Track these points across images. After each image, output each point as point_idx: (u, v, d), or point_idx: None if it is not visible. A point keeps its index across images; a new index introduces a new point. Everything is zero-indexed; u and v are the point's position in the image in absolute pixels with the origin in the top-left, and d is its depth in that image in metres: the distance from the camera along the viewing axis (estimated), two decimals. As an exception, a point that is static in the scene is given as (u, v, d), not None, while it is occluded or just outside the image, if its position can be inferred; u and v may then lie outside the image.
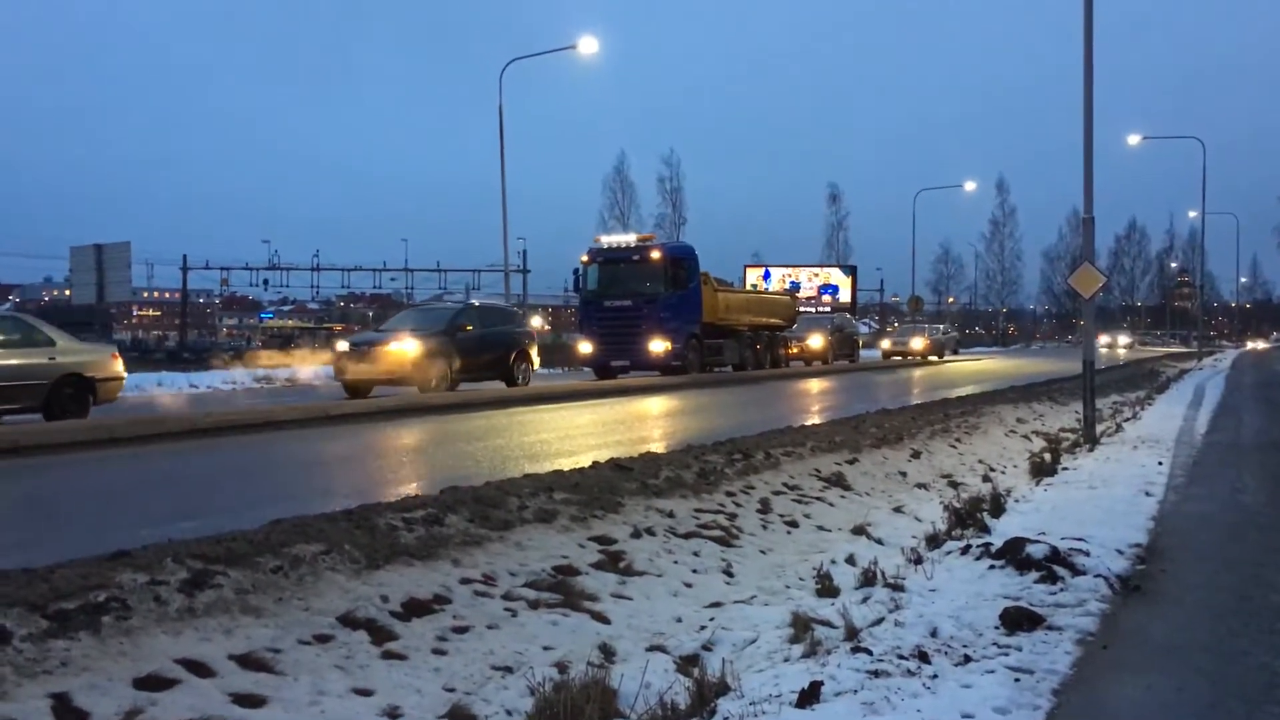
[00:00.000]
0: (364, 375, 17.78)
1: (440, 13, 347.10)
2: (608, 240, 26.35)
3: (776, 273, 53.45)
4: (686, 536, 6.38)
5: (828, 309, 48.56)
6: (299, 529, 4.95)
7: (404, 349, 17.68)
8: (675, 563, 5.90)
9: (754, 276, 53.73)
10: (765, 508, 7.44)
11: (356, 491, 6.99)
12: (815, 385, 24.04)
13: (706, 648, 4.53)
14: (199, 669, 3.57)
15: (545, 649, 4.41)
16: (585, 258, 25.69)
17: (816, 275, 54.43)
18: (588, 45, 31.05)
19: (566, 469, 7.57)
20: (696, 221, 64.18)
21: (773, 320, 30.53)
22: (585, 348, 25.51)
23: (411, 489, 6.89)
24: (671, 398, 18.49)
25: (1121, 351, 58.47)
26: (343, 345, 18.91)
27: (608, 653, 4.47)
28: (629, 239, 26.17)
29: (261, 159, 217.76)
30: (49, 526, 6.42)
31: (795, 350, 35.94)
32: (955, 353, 49.65)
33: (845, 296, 52.70)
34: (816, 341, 35.72)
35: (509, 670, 4.14)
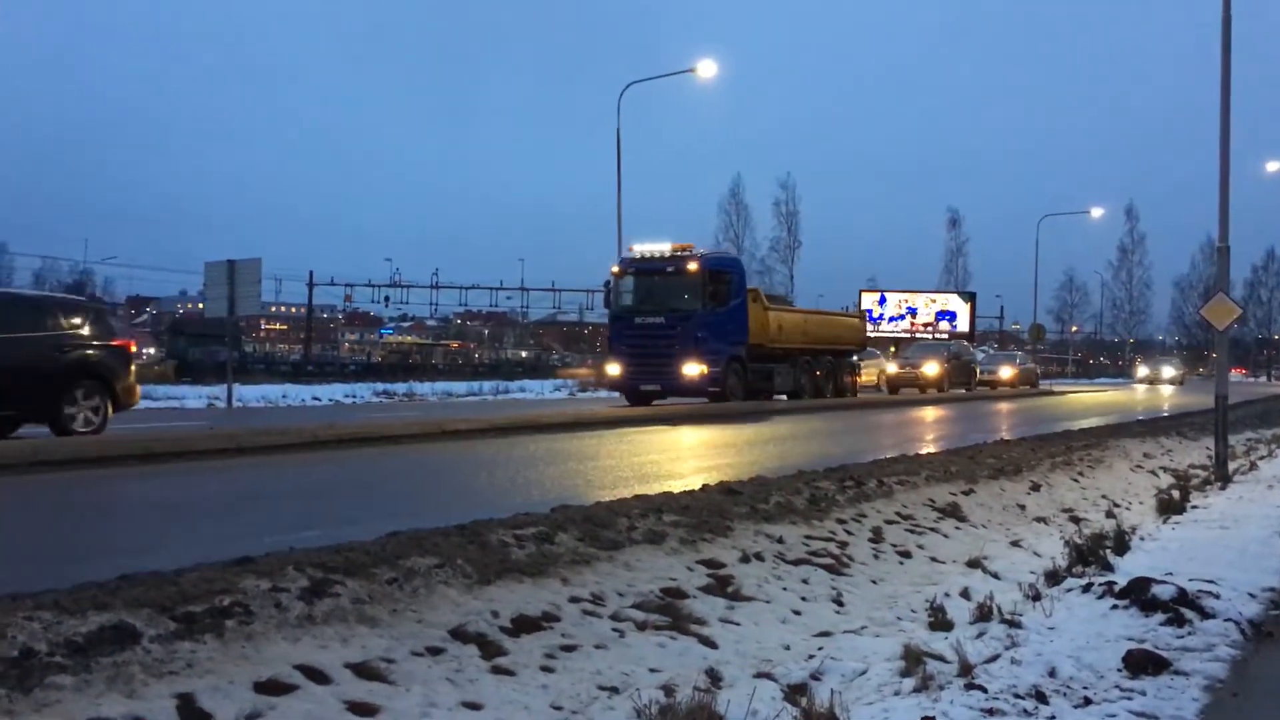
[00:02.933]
0: None
1: (564, 37, 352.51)
2: (640, 249, 23.23)
3: (892, 298, 52.66)
4: (796, 563, 6.31)
5: (945, 336, 47.62)
6: (414, 542, 5.05)
7: None
8: (784, 589, 5.83)
9: (869, 302, 53.05)
10: (877, 537, 7.31)
11: (469, 507, 7.10)
12: (924, 414, 23.34)
13: (815, 677, 4.47)
14: (316, 676, 3.66)
15: (652, 671, 4.40)
16: (616, 269, 23.25)
17: (934, 301, 53.40)
18: (706, 68, 31.27)
19: (676, 491, 7.56)
20: (812, 245, 63.96)
21: (837, 344, 28.01)
22: (613, 369, 22.95)
23: (521, 506, 6.96)
24: (775, 424, 18.35)
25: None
26: None
27: (714, 677, 4.44)
28: (663, 248, 22.98)
29: (387, 179, 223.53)
30: (178, 530, 6.68)
31: (904, 374, 35.48)
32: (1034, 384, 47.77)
33: (963, 324, 51.55)
34: (931, 369, 34.97)
35: (615, 691, 4.14)
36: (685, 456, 11.96)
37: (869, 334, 52.89)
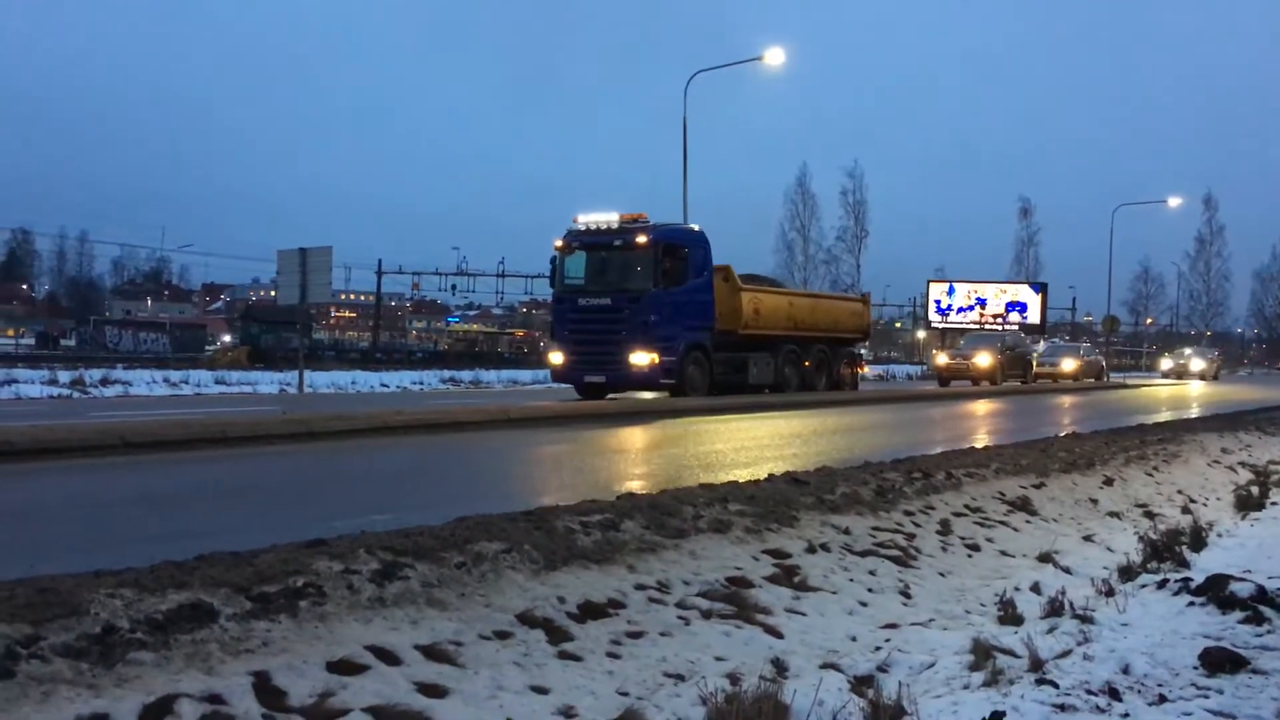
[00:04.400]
0: None
1: (635, 25, 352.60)
2: (585, 220, 20.24)
3: (961, 289, 52.00)
4: (862, 554, 6.26)
5: (1014, 327, 46.71)
6: (482, 526, 5.10)
7: None
8: (850, 580, 5.80)
9: (938, 292, 52.42)
10: (945, 529, 7.23)
11: (535, 493, 7.15)
12: (968, 408, 22.16)
13: (882, 669, 4.43)
14: (387, 657, 3.72)
15: (717, 659, 4.41)
16: (559, 243, 20.31)
17: (1004, 292, 52.61)
18: (774, 56, 30.99)
19: (741, 480, 7.54)
20: (879, 235, 63.10)
21: (832, 332, 24.63)
22: (555, 358, 20.34)
23: (587, 493, 6.99)
24: (844, 414, 18.22)
25: None
26: None
27: (780, 667, 4.43)
28: (611, 218, 19.95)
29: (457, 167, 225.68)
30: (253, 513, 6.82)
31: (954, 366, 33.53)
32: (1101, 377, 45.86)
33: (1034, 315, 50.73)
34: (983, 360, 33.29)
35: (681, 678, 4.15)
36: (750, 446, 11.92)
37: (937, 324, 52.37)
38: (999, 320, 49.23)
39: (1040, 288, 54.02)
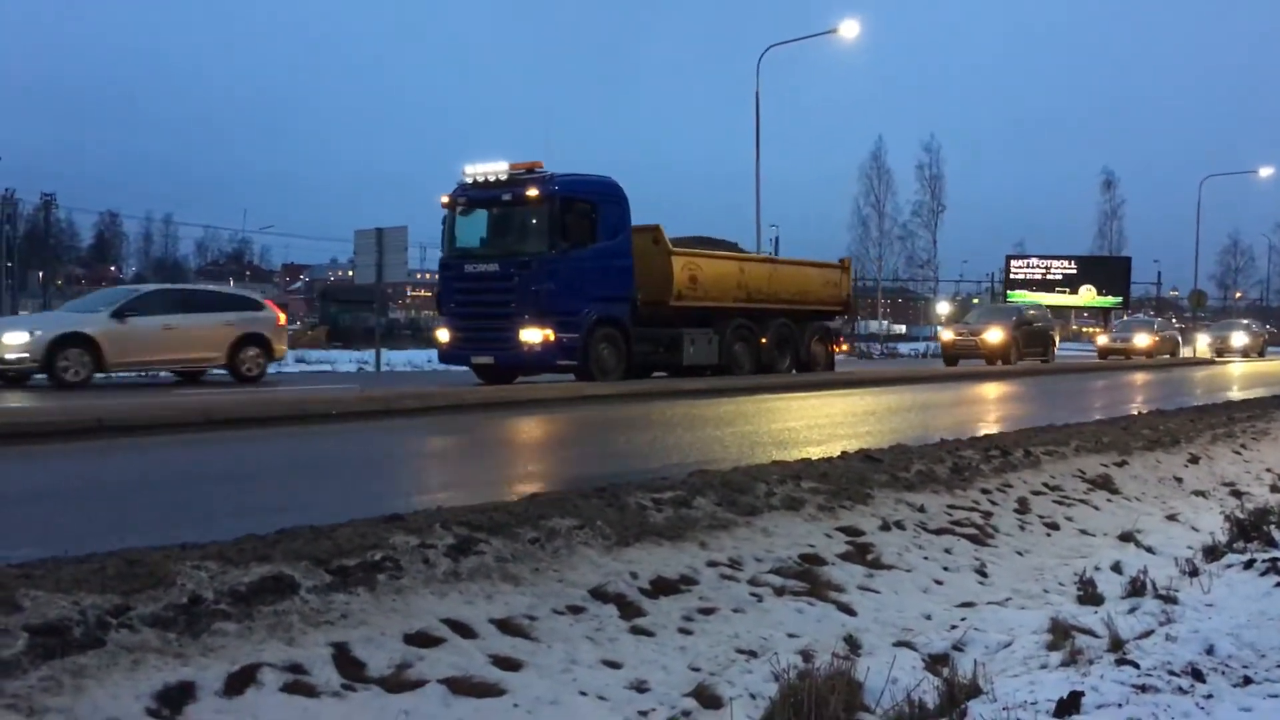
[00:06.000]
0: None
1: (705, 2, 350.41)
2: (474, 171, 16.96)
3: (1041, 264, 50.97)
4: (938, 532, 6.20)
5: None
6: (555, 503, 5.15)
7: None
8: (925, 558, 5.74)
9: (1017, 267, 51.46)
10: (1023, 507, 7.12)
11: (607, 469, 7.18)
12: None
13: (957, 648, 4.39)
14: (462, 630, 3.78)
15: (790, 636, 4.40)
16: (446, 199, 17.20)
17: (1086, 266, 51.46)
18: (849, 29, 30.56)
19: (814, 457, 7.50)
20: (957, 210, 62.01)
21: (800, 303, 20.78)
22: (441, 334, 17.37)
23: (659, 469, 7.01)
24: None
25: None
26: None
27: (853, 645, 4.41)
28: (500, 168, 16.68)
29: (525, 146, 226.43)
30: (333, 486, 6.95)
31: (960, 342, 29.46)
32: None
33: (1117, 290, 49.56)
34: (994, 336, 28.84)
35: (753, 654, 4.15)
36: (824, 424, 11.85)
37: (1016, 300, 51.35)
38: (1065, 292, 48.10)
39: (1124, 262, 52.69)
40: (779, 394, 16.58)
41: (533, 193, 16.10)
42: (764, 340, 19.61)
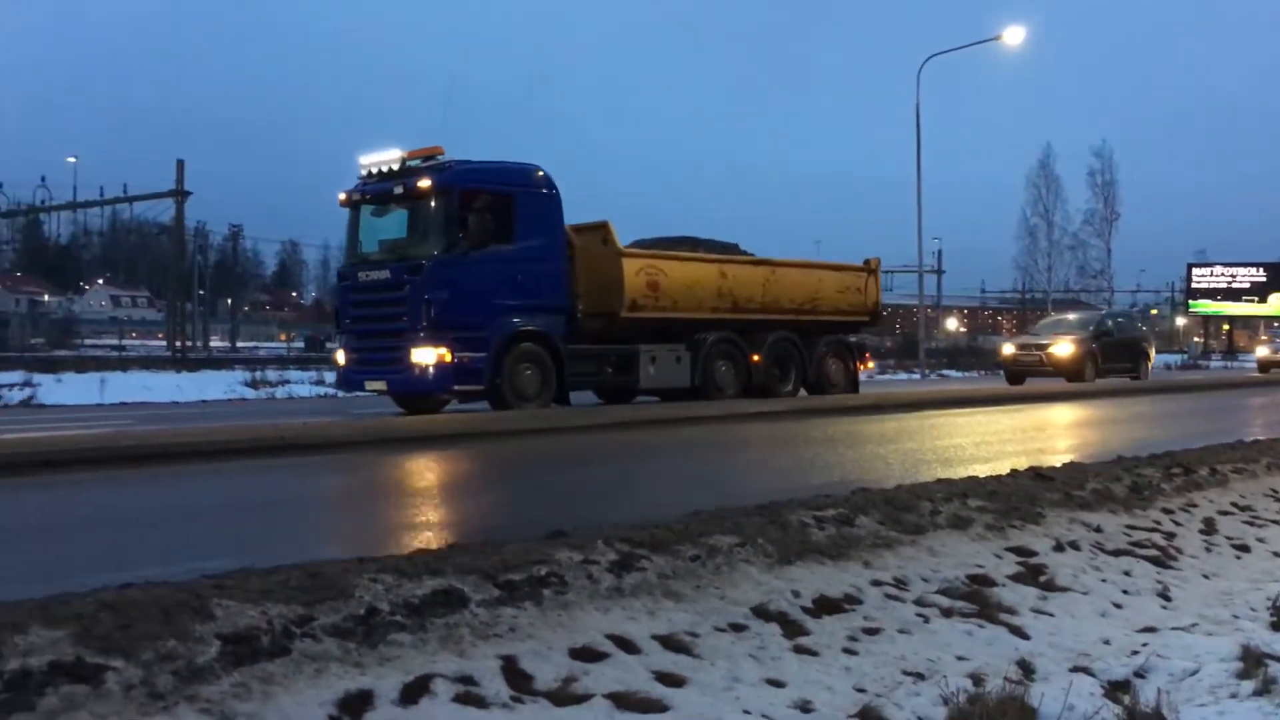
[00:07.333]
0: None
1: (866, 11, 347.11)
2: (368, 162, 14.26)
3: (1226, 271, 48.34)
4: (1115, 554, 5.94)
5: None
6: (716, 520, 5.15)
7: None
8: (1103, 580, 5.51)
9: (1199, 275, 48.96)
10: (1209, 528, 6.76)
11: (767, 487, 7.14)
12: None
13: (1139, 674, 4.19)
14: (626, 645, 3.82)
15: (958, 659, 4.29)
16: (342, 196, 14.63)
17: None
18: (1013, 35, 29.76)
19: (981, 475, 7.29)
20: (1131, 217, 59.13)
21: (809, 314, 17.19)
22: (339, 355, 14.83)
23: (819, 487, 6.93)
24: (1104, 405, 17.24)
25: None
26: None
27: (1026, 669, 4.26)
28: (392, 156, 14.00)
29: (682, 156, 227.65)
30: (497, 503, 7.13)
31: (1023, 357, 25.00)
32: None
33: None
34: (1063, 350, 24.23)
35: (920, 677, 4.06)
36: (992, 441, 11.51)
37: (1199, 310, 48.62)
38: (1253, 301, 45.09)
39: (1319, 266, 49.47)
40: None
41: (424, 184, 13.40)
42: (756, 358, 16.17)
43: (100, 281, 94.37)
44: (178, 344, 37.54)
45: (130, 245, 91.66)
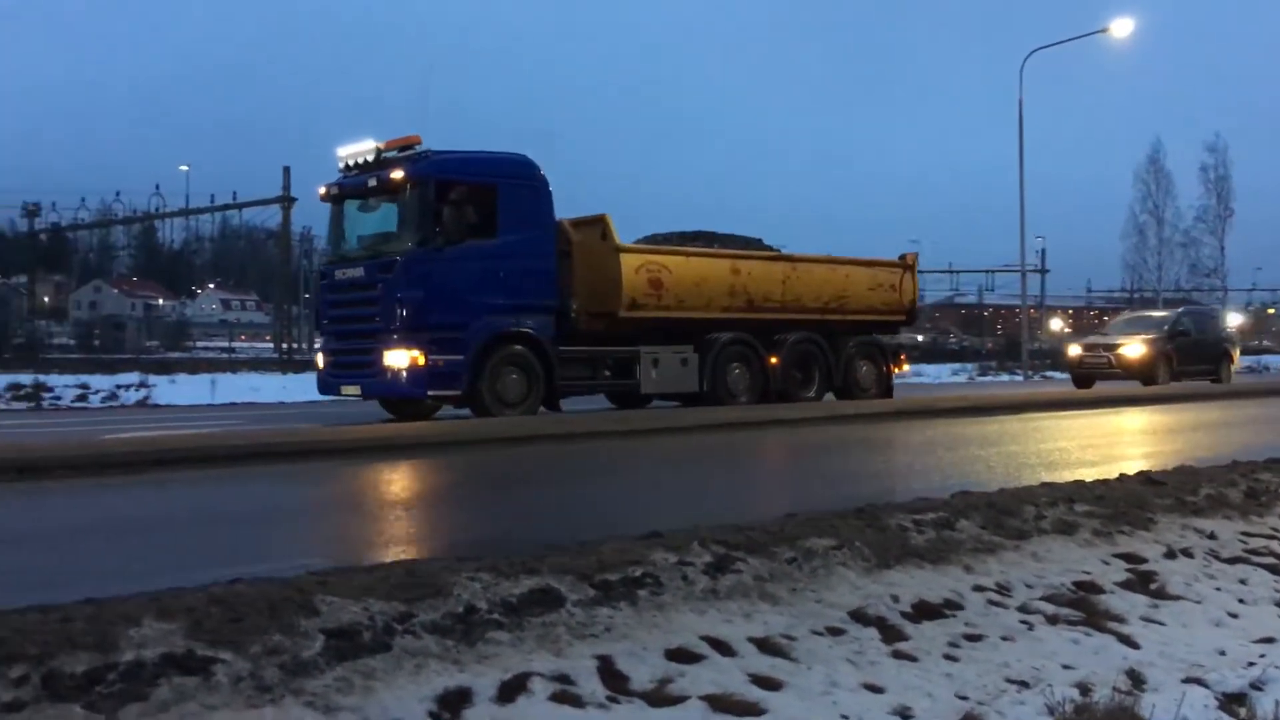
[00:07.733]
0: None
1: (960, 6, 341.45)
2: (345, 154, 13.53)
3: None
4: (1231, 561, 5.73)
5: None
6: (812, 523, 5.10)
7: None
8: (1217, 589, 5.31)
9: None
10: (1332, 536, 6.47)
11: (865, 489, 7.05)
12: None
13: (1256, 686, 4.03)
14: (721, 647, 3.81)
15: (1064, 667, 4.17)
16: (322, 190, 13.97)
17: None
18: (1121, 27, 28.93)
19: (1088, 479, 7.09)
20: (1247, 214, 56.83)
21: (836, 313, 16.20)
22: (319, 358, 14.52)
23: (919, 490, 6.82)
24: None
25: None
26: None
27: (1135, 679, 4.13)
28: (367, 148, 13.19)
29: (772, 154, 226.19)
30: (602, 503, 7.18)
31: (1089, 358, 23.41)
32: None
33: None
34: (1133, 351, 22.79)
35: (1025, 685, 3.96)
36: (1099, 444, 11.19)
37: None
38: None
39: None
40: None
41: (397, 175, 12.63)
42: (773, 360, 15.18)
43: (211, 286, 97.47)
44: (284, 346, 38.57)
45: (239, 250, 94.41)
